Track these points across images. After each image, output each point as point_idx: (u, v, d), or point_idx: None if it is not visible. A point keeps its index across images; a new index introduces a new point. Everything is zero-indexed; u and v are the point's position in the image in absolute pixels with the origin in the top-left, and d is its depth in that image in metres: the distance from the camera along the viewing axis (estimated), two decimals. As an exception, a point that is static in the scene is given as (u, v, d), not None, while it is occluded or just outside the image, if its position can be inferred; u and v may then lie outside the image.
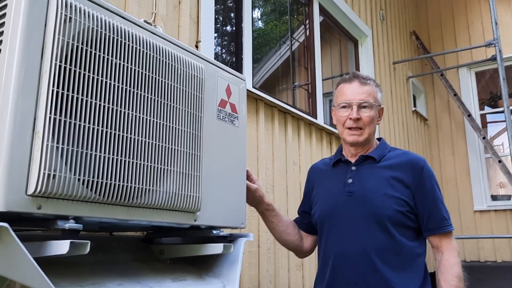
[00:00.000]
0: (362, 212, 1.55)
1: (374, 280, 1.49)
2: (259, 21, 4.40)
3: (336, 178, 1.68)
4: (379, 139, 1.74)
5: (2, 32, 0.91)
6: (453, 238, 1.60)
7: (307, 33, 3.79)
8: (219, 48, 3.46)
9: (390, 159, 1.64)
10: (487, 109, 6.64)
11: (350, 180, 1.62)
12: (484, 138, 5.35)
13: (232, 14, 3.29)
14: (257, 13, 4.22)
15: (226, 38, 3.31)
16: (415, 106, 5.82)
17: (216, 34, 3.04)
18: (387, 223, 1.52)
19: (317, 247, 1.75)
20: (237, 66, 2.80)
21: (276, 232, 1.73)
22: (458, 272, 1.51)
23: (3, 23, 0.92)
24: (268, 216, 1.70)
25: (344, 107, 1.64)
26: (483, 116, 6.43)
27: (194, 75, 1.25)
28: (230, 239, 1.41)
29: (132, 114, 1.06)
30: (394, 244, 1.52)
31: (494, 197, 5.78)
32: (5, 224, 0.81)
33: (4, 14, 0.92)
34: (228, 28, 3.37)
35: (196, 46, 2.17)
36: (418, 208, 1.57)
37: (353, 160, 1.67)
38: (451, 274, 1.50)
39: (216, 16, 2.43)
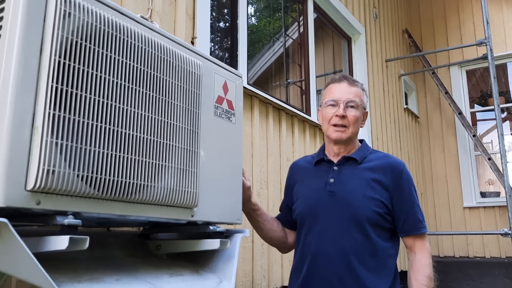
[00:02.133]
0: (342, 212, 1.59)
1: (349, 280, 1.53)
2: (252, 18, 4.40)
3: (318, 177, 1.70)
4: (361, 140, 1.78)
5: (1, 26, 0.91)
6: (427, 240, 1.65)
7: (301, 30, 3.80)
8: (212, 44, 3.45)
9: (371, 161, 1.68)
10: (477, 107, 6.71)
11: (331, 180, 1.65)
12: (474, 136, 5.41)
13: (225, 10, 3.28)
14: (250, 10, 4.22)
15: (221, 34, 3.31)
16: (406, 103, 5.86)
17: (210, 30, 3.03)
18: (365, 224, 1.56)
19: (295, 242, 1.77)
20: (232, 62, 2.80)
21: (262, 231, 1.76)
22: (429, 272, 1.56)
23: (2, 17, 0.91)
24: (254, 216, 1.71)
25: (331, 105, 1.67)
26: (473, 114, 6.50)
27: (191, 71, 1.25)
28: (226, 235, 1.42)
29: (130, 110, 1.06)
30: (370, 245, 1.57)
31: (483, 194, 5.86)
32: (5, 220, 0.81)
33: (3, 9, 0.92)
34: (223, 24, 3.36)
35: (192, 42, 2.17)
36: (395, 210, 1.62)
37: (335, 160, 1.70)
38: (422, 274, 1.55)
39: (211, 12, 2.43)
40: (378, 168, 1.64)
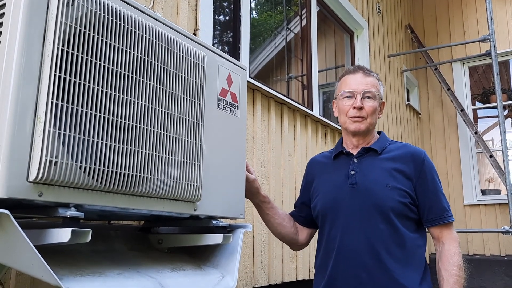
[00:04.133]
0: (365, 204, 1.55)
1: (378, 272, 1.49)
2: (254, 11, 4.37)
3: (338, 170, 1.67)
4: (379, 132, 1.75)
5: (3, 14, 0.89)
6: (454, 229, 1.61)
7: (304, 24, 3.77)
8: (213, 36, 3.42)
9: (391, 152, 1.65)
10: (479, 105, 6.69)
11: (352, 172, 1.62)
12: (476, 133, 5.40)
13: (226, 3, 3.25)
14: (252, 2, 4.18)
15: (223, 27, 3.28)
16: (408, 99, 5.84)
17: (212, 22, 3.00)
18: (390, 214, 1.52)
19: (317, 238, 1.74)
20: (234, 55, 2.77)
21: (271, 225, 1.73)
22: (459, 261, 1.52)
23: (4, 4, 0.89)
24: (264, 209, 1.69)
25: (348, 96, 1.65)
26: (474, 111, 6.48)
27: (195, 62, 1.23)
28: (229, 230, 1.40)
29: (133, 101, 1.04)
30: (397, 235, 1.52)
31: (483, 192, 5.85)
32: (6, 211, 0.80)
33: (5, -5, 0.89)
34: (225, 16, 3.33)
35: (194, 34, 2.15)
36: (419, 199, 1.58)
37: (354, 152, 1.67)
38: (452, 264, 1.51)
39: (213, 5, 2.40)
40: (399, 157, 1.62)
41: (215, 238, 1.30)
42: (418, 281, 1.51)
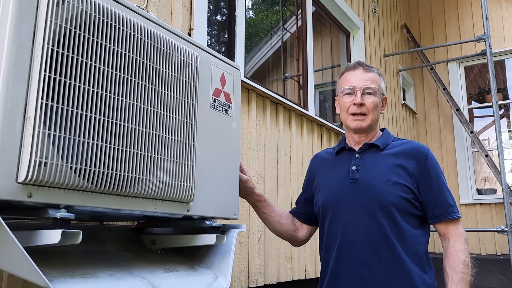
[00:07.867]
0: (366, 199, 1.54)
1: (379, 268, 1.49)
2: (250, 11, 4.36)
3: (340, 166, 1.67)
4: (382, 129, 1.74)
5: (-8, 13, 0.88)
6: (460, 225, 1.58)
7: (299, 24, 3.76)
8: (209, 37, 3.41)
9: (394, 148, 1.64)
10: (474, 104, 6.70)
11: (354, 167, 1.61)
12: (471, 132, 5.41)
13: (222, 3, 3.24)
14: (248, 2, 4.18)
15: (218, 26, 3.27)
16: (404, 99, 5.85)
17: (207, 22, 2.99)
18: (392, 210, 1.51)
19: (318, 233, 1.74)
20: (229, 55, 2.77)
21: (269, 223, 1.73)
22: (464, 258, 1.50)
23: (-7, 4, 0.88)
24: (260, 207, 1.69)
25: (348, 93, 1.64)
26: (470, 111, 6.49)
27: (188, 62, 1.23)
28: (222, 230, 1.40)
29: (125, 101, 1.03)
30: (398, 230, 1.51)
31: (479, 191, 5.86)
32: (-5, 213, 0.79)
33: (-6, -5, 0.89)
34: (220, 17, 3.32)
35: (189, 34, 2.14)
36: (423, 196, 1.56)
37: (357, 148, 1.67)
38: (457, 261, 1.49)
39: (208, 4, 2.39)
40: (402, 153, 1.60)
41: (209, 239, 1.29)
42: (420, 277, 1.50)
